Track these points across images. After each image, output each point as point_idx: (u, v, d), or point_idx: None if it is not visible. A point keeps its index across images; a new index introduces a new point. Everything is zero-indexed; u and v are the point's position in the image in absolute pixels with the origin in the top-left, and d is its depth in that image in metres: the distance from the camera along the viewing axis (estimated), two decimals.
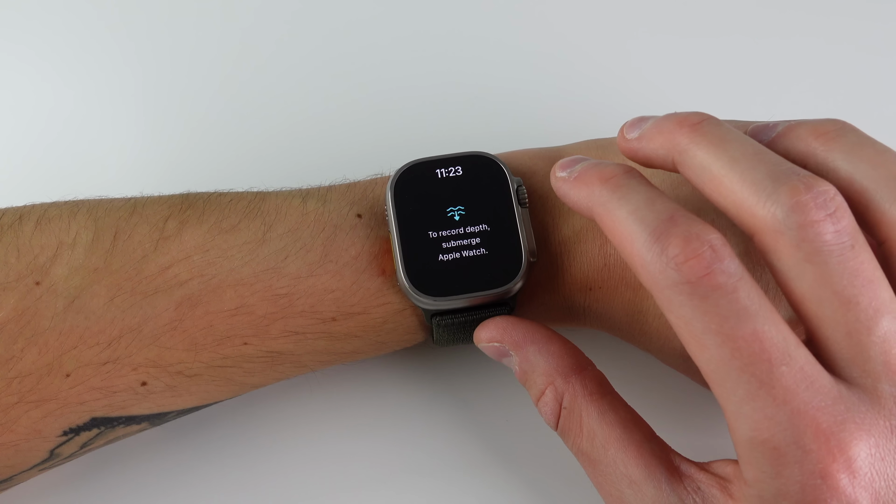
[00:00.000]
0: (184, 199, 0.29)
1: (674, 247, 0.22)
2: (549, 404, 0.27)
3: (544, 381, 0.27)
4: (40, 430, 0.27)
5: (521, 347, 0.27)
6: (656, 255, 0.22)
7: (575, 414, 0.26)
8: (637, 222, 0.23)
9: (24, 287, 0.27)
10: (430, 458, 0.32)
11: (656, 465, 0.25)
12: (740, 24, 0.43)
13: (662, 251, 0.22)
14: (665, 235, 0.22)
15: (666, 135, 0.25)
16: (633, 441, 0.25)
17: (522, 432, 0.33)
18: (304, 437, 0.33)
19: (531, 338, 0.27)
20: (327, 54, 0.42)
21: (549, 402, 0.27)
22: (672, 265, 0.21)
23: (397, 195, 0.29)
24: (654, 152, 0.25)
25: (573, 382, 0.26)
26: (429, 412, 0.33)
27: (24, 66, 0.42)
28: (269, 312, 0.28)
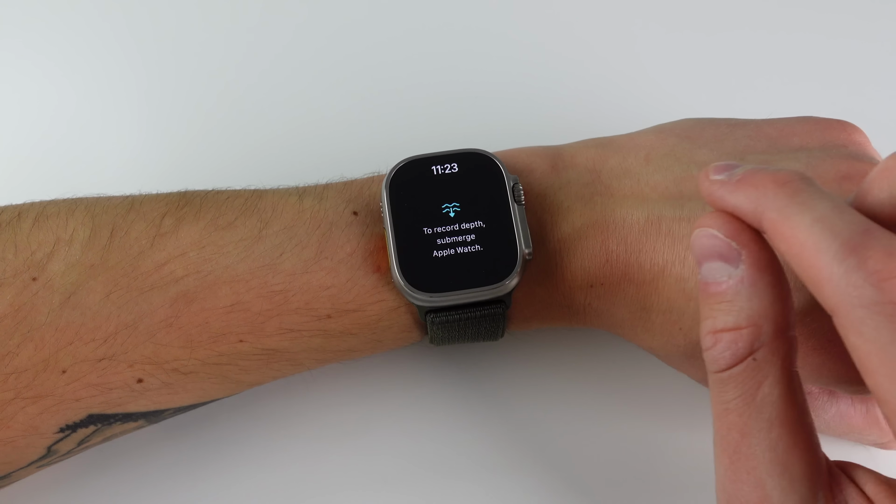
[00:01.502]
0: (181, 197, 0.29)
1: (875, 261, 0.19)
2: (739, 344, 0.22)
3: (752, 317, 0.22)
4: (37, 426, 0.27)
5: (760, 268, 0.22)
6: (850, 269, 0.19)
7: (761, 373, 0.22)
8: (826, 230, 0.20)
9: (20, 283, 0.27)
10: (428, 458, 0.32)
11: (818, 467, 0.22)
12: (742, 22, 0.42)
13: (859, 265, 0.19)
14: (862, 248, 0.19)
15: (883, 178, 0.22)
16: (805, 432, 0.22)
17: (522, 432, 0.33)
18: (301, 436, 0.33)
19: (776, 267, 0.22)
20: (325, 54, 0.42)
21: (742, 342, 0.22)
22: (872, 281, 0.19)
23: (392, 192, 0.29)
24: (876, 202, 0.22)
25: (781, 341, 0.22)
26: (427, 412, 0.33)
27: (24, 65, 0.42)
28: (265, 309, 0.28)
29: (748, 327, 0.22)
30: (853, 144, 0.30)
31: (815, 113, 0.31)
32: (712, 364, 0.23)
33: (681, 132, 0.30)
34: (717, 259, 0.23)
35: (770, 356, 0.22)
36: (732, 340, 0.22)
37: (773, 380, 0.22)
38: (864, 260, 0.19)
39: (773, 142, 0.30)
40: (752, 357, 0.22)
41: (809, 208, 0.21)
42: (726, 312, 0.22)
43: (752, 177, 0.23)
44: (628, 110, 0.40)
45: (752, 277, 0.22)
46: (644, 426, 0.33)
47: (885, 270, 0.19)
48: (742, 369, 0.22)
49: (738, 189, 0.23)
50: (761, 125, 0.31)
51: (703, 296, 0.23)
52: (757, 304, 0.22)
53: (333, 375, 0.34)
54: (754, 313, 0.22)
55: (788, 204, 0.21)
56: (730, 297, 0.22)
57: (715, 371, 0.23)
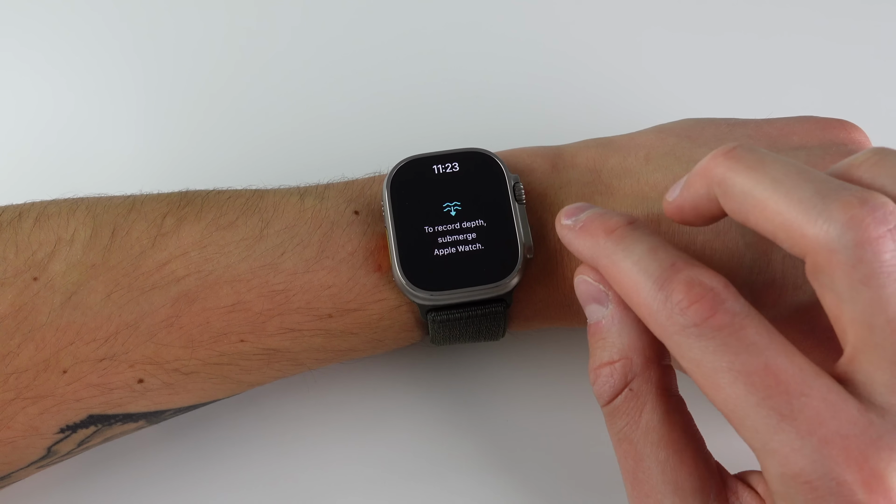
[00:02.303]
0: (182, 197, 0.29)
1: (677, 293, 0.22)
2: (615, 377, 0.24)
3: (623, 350, 0.25)
4: (37, 426, 0.27)
5: (625, 307, 0.25)
6: (661, 303, 0.22)
7: (639, 401, 0.24)
8: (641, 272, 0.23)
9: (21, 283, 0.27)
10: (428, 458, 0.32)
11: (708, 478, 0.23)
12: (743, 23, 0.43)
13: (667, 298, 0.22)
14: (668, 282, 0.22)
15: (702, 174, 0.24)
16: (690, 449, 0.24)
17: (522, 433, 0.33)
18: (301, 436, 0.33)
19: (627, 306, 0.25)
20: (326, 53, 0.42)
21: (616, 375, 0.24)
22: (677, 310, 0.22)
23: (393, 191, 0.29)
24: (696, 196, 0.24)
25: (652, 370, 0.24)
26: (427, 412, 0.33)
27: (24, 65, 0.42)
28: (266, 309, 0.28)
29: (620, 360, 0.25)
30: (853, 143, 0.30)
31: (815, 113, 0.32)
32: (599, 398, 0.25)
33: (681, 132, 0.31)
34: (592, 302, 0.26)
35: (644, 384, 0.24)
36: (609, 374, 0.25)
37: (651, 406, 0.24)
38: (670, 293, 0.22)
39: (772, 141, 0.30)
40: (629, 388, 0.24)
41: (630, 252, 0.24)
42: (602, 349, 0.25)
43: (589, 225, 0.25)
44: (629, 111, 0.40)
45: (619, 315, 0.25)
46: None
47: (686, 299, 0.22)
48: (622, 400, 0.24)
49: (579, 237, 0.25)
50: (761, 124, 0.31)
51: (589, 338, 0.26)
52: (626, 338, 0.25)
53: (334, 376, 0.34)
54: (624, 347, 0.24)
55: (614, 251, 0.24)
56: (604, 335, 0.25)
57: (602, 405, 0.25)
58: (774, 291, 0.27)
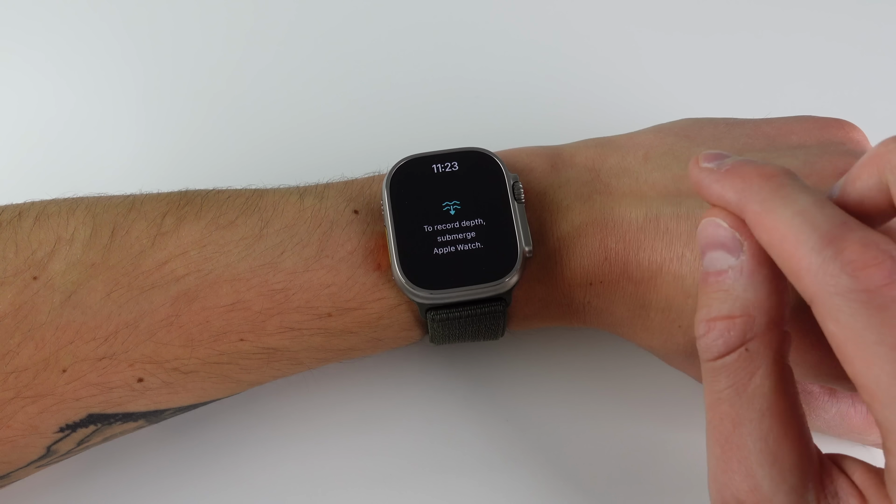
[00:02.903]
0: (182, 196, 0.29)
1: (851, 252, 0.20)
2: (732, 333, 0.22)
3: (745, 307, 0.22)
4: (37, 426, 0.27)
5: (759, 261, 0.23)
6: (828, 260, 0.20)
7: (753, 364, 0.22)
8: (806, 223, 0.21)
9: (21, 282, 0.27)
10: (428, 457, 0.32)
11: (808, 458, 0.22)
12: (742, 23, 0.43)
13: (836, 255, 0.20)
14: (839, 239, 0.20)
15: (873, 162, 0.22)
16: (795, 424, 0.22)
17: (522, 431, 0.33)
18: (302, 436, 0.33)
19: (772, 263, 0.23)
20: (325, 53, 0.42)
21: (735, 331, 0.22)
22: (848, 270, 0.20)
23: (393, 190, 0.29)
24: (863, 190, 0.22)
25: (774, 333, 0.23)
26: (427, 412, 0.33)
27: (24, 64, 0.42)
28: (265, 308, 0.28)
29: (742, 317, 0.22)
30: (851, 142, 0.30)
31: (813, 112, 0.32)
32: (705, 352, 0.23)
33: (679, 131, 0.31)
34: (719, 248, 0.23)
35: (762, 348, 0.22)
36: (725, 329, 0.23)
37: (765, 371, 0.22)
38: (841, 250, 0.20)
39: (771, 140, 0.30)
40: (745, 347, 0.22)
41: (791, 201, 0.21)
42: (722, 301, 0.23)
43: (740, 168, 0.23)
44: (628, 110, 0.40)
45: (751, 268, 0.23)
46: (643, 426, 0.33)
47: (860, 260, 0.20)
48: (734, 359, 0.22)
49: (725, 179, 0.23)
50: (759, 124, 0.31)
51: (702, 286, 0.24)
52: (752, 294, 0.23)
53: (333, 375, 0.34)
54: (749, 304, 0.22)
55: (772, 197, 0.22)
56: (727, 287, 0.23)
57: (707, 359, 0.23)
58: None
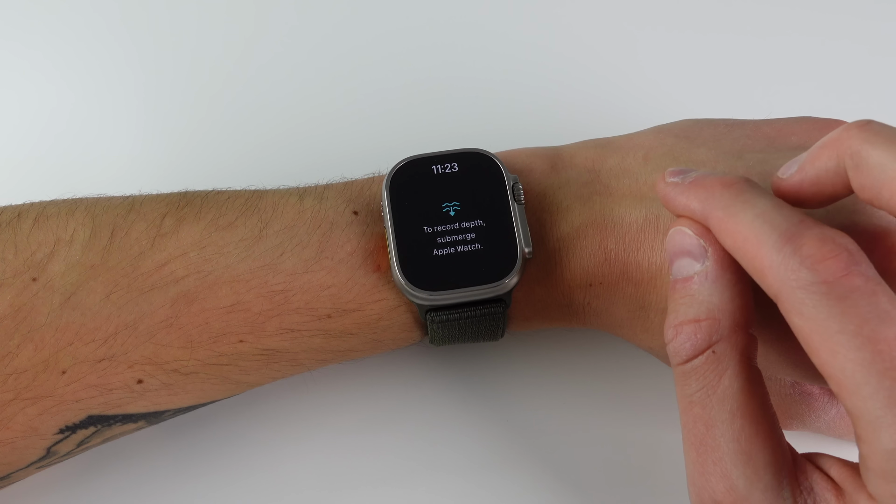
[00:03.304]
0: (181, 197, 0.29)
1: (809, 247, 0.21)
2: (698, 336, 0.23)
3: (711, 311, 0.23)
4: (36, 427, 0.27)
5: (723, 266, 0.23)
6: (787, 256, 0.21)
7: (721, 366, 0.23)
8: (765, 224, 0.22)
9: (20, 283, 0.27)
10: (428, 458, 0.32)
11: (781, 455, 0.23)
12: (742, 23, 0.43)
13: (795, 251, 0.21)
14: (797, 236, 0.21)
15: (832, 145, 0.23)
16: (766, 422, 0.23)
17: (522, 433, 0.33)
18: (301, 437, 0.33)
19: (737, 267, 0.23)
20: (325, 54, 0.42)
21: (701, 334, 0.23)
22: (807, 264, 0.21)
23: (393, 191, 0.29)
24: (820, 170, 0.23)
25: (739, 336, 0.23)
26: (427, 413, 0.33)
27: (24, 66, 0.42)
28: (265, 309, 0.28)
29: (707, 320, 0.23)
30: None
31: (813, 113, 0.32)
32: (674, 356, 0.24)
33: (679, 132, 0.31)
34: (685, 256, 0.24)
35: (729, 350, 0.23)
36: (692, 332, 0.23)
37: (733, 372, 0.23)
38: (799, 246, 0.21)
39: (770, 141, 0.30)
40: (712, 350, 0.23)
41: (751, 205, 0.23)
42: (688, 305, 0.24)
43: (702, 180, 0.24)
44: (628, 111, 0.40)
45: (715, 273, 0.23)
46: (643, 426, 0.33)
47: (818, 254, 0.21)
48: (702, 361, 0.23)
49: (689, 190, 0.24)
50: (759, 125, 0.31)
51: (671, 293, 0.24)
52: (717, 298, 0.23)
53: (333, 377, 0.34)
54: (713, 307, 0.23)
55: (733, 202, 0.23)
56: (692, 292, 0.24)
57: (677, 363, 0.24)
58: None
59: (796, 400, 0.30)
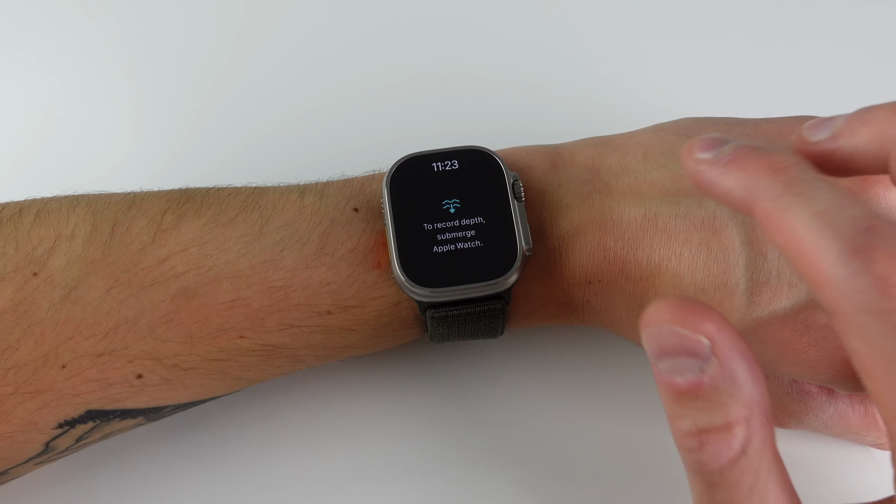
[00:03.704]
0: (182, 194, 0.29)
1: (881, 266, 0.18)
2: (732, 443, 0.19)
3: (742, 412, 0.19)
4: (35, 421, 0.27)
5: (731, 358, 0.19)
6: (855, 273, 0.18)
7: (753, 467, 0.20)
8: (826, 228, 0.18)
9: (21, 278, 0.27)
10: (428, 456, 0.32)
11: None
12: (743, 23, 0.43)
13: (865, 269, 0.18)
14: (867, 249, 0.18)
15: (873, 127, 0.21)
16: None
17: (522, 431, 0.33)
18: (301, 435, 0.33)
19: (744, 350, 0.20)
20: (325, 52, 0.42)
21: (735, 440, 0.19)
22: (879, 288, 0.18)
23: (393, 188, 0.29)
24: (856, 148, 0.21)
25: (768, 428, 0.20)
26: (426, 411, 0.33)
27: (24, 61, 0.42)
28: (265, 305, 0.28)
29: (739, 424, 0.20)
30: None
31: (813, 113, 0.32)
32: (701, 466, 0.20)
33: (679, 130, 0.31)
34: (682, 356, 0.20)
35: (762, 446, 0.20)
36: (725, 440, 0.20)
37: (768, 470, 0.20)
38: (870, 263, 0.18)
39: (771, 140, 0.30)
40: (744, 453, 0.20)
41: (808, 200, 0.19)
42: (707, 411, 0.20)
43: (743, 160, 0.21)
44: (628, 109, 0.40)
45: (731, 370, 0.19)
46: (643, 424, 0.33)
47: (893, 276, 0.18)
48: (739, 468, 0.20)
49: (728, 172, 0.21)
50: (760, 124, 0.31)
51: (668, 392, 0.20)
52: (742, 395, 0.20)
53: (333, 374, 0.34)
54: (741, 406, 0.20)
55: (785, 194, 0.20)
56: (707, 395, 0.20)
57: (704, 472, 0.20)
58: (770, 290, 0.27)
59: (794, 398, 0.30)
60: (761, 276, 0.27)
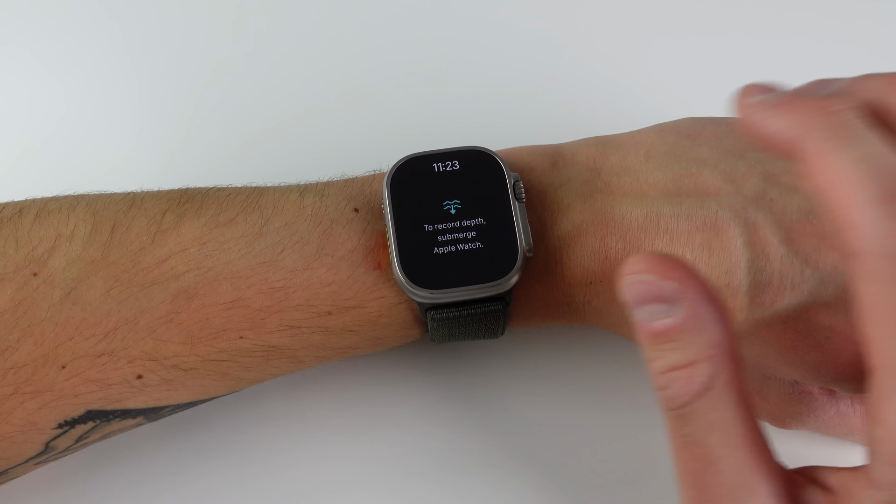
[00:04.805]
0: (182, 194, 0.29)
1: None
2: (696, 380, 0.21)
3: (706, 350, 0.21)
4: (35, 421, 0.27)
5: (699, 301, 0.21)
6: (882, 218, 0.19)
7: (721, 402, 0.21)
8: (866, 172, 0.19)
9: (21, 278, 0.27)
10: (428, 456, 0.32)
11: (780, 477, 0.22)
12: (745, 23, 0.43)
13: (890, 215, 0.19)
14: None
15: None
16: (765, 451, 0.22)
17: (522, 431, 0.33)
18: (301, 435, 0.33)
19: (712, 295, 0.22)
20: (326, 51, 0.42)
21: (698, 377, 0.21)
22: None
23: (393, 189, 0.29)
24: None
25: (735, 365, 0.22)
26: (427, 411, 0.33)
27: (24, 61, 0.42)
28: (265, 306, 0.28)
29: (704, 361, 0.21)
30: None
31: None
32: (670, 403, 0.22)
33: (681, 130, 0.31)
34: (654, 301, 0.22)
35: (726, 383, 0.21)
36: (689, 377, 0.21)
37: (732, 405, 0.21)
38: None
39: None
40: (711, 388, 0.21)
41: (857, 144, 0.20)
42: (677, 350, 0.22)
43: (798, 100, 0.21)
44: (629, 109, 0.40)
45: (697, 312, 0.21)
46: (644, 425, 0.33)
47: None
48: (704, 402, 0.21)
49: (781, 112, 0.21)
50: None
51: (645, 337, 0.22)
52: (708, 336, 0.21)
53: (333, 374, 0.34)
54: (705, 345, 0.21)
55: (835, 135, 0.20)
56: (676, 336, 0.22)
57: (673, 408, 0.22)
58: (772, 291, 0.27)
59: (795, 399, 0.30)
60: (764, 277, 0.27)
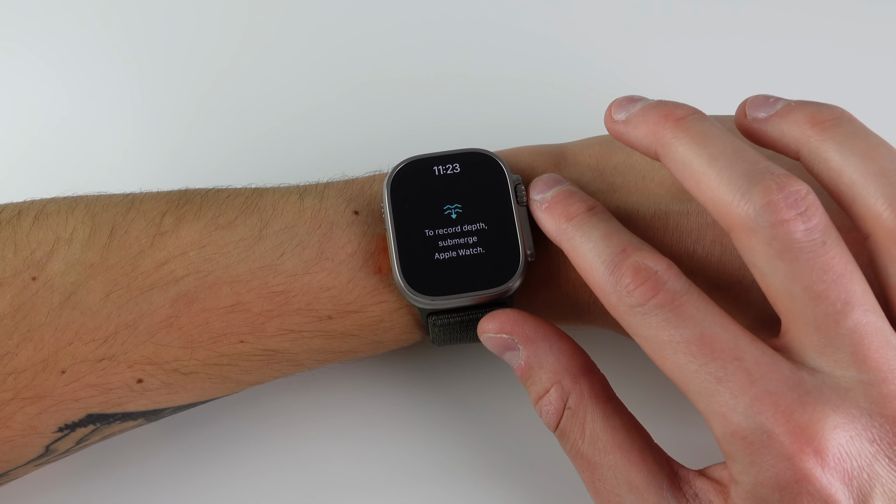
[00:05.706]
0: (181, 195, 0.29)
1: (625, 276, 0.24)
2: (553, 403, 0.26)
3: (551, 378, 0.26)
4: (35, 426, 0.27)
5: (532, 342, 0.27)
6: (612, 286, 0.25)
7: (579, 415, 0.26)
8: (597, 257, 0.25)
9: (20, 282, 0.27)
10: (428, 459, 0.32)
11: (658, 471, 0.25)
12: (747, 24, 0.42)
13: (617, 282, 0.24)
14: (618, 266, 0.25)
15: (651, 126, 0.26)
16: (636, 446, 0.25)
17: (521, 433, 0.33)
18: (301, 436, 0.33)
19: (543, 333, 0.27)
20: (326, 51, 0.42)
21: (554, 401, 0.26)
22: (626, 292, 0.24)
23: (394, 192, 0.28)
24: (639, 140, 0.27)
25: (581, 383, 0.26)
26: (426, 413, 0.33)
27: (22, 62, 0.42)
28: (265, 310, 0.28)
29: (552, 386, 0.26)
30: None
31: None
32: (549, 427, 0.27)
33: None
34: (506, 350, 0.28)
35: (579, 399, 0.26)
36: (548, 402, 0.26)
37: (591, 416, 0.26)
38: (620, 277, 0.24)
39: None
40: (567, 407, 0.26)
41: (587, 238, 0.26)
42: (533, 384, 0.27)
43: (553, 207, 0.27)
44: None
45: (533, 350, 0.27)
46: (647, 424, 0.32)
47: (632, 283, 0.24)
48: (566, 419, 0.26)
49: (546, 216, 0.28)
50: None
51: (521, 381, 0.28)
52: (549, 365, 0.27)
53: (333, 375, 0.33)
54: (550, 374, 0.27)
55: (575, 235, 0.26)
56: (530, 373, 0.27)
57: (553, 430, 0.27)
58: None
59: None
60: None
